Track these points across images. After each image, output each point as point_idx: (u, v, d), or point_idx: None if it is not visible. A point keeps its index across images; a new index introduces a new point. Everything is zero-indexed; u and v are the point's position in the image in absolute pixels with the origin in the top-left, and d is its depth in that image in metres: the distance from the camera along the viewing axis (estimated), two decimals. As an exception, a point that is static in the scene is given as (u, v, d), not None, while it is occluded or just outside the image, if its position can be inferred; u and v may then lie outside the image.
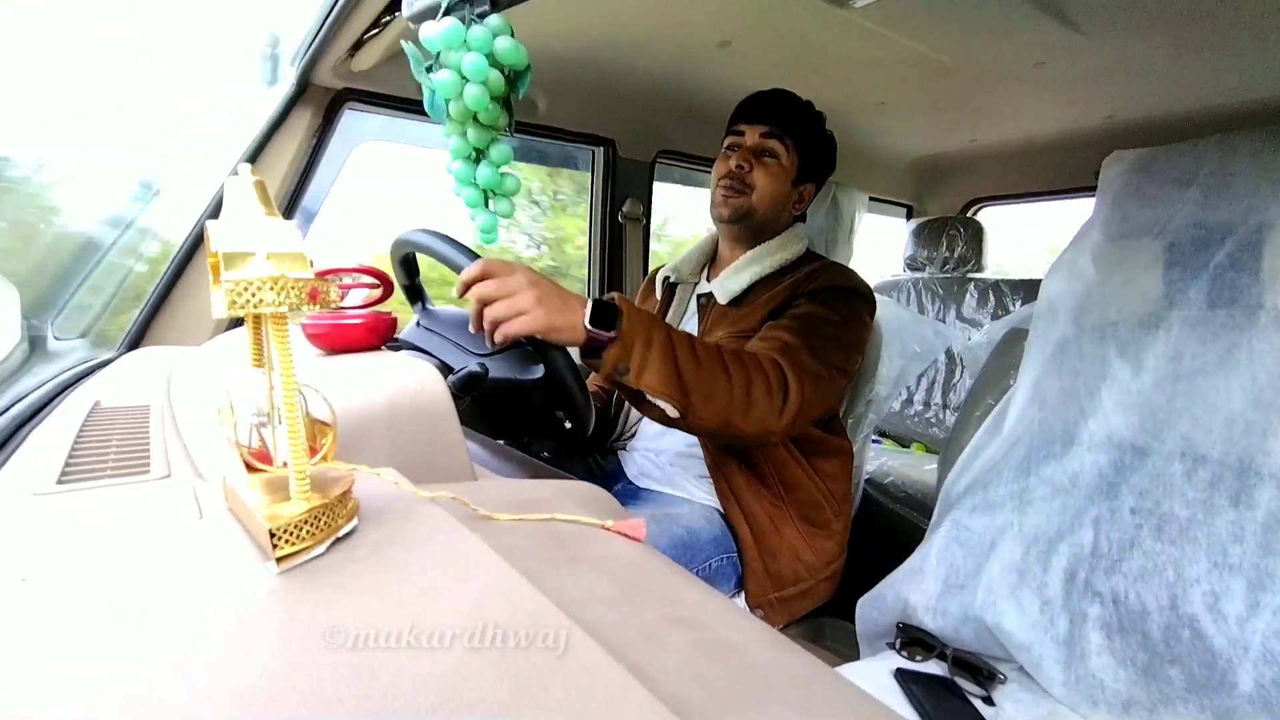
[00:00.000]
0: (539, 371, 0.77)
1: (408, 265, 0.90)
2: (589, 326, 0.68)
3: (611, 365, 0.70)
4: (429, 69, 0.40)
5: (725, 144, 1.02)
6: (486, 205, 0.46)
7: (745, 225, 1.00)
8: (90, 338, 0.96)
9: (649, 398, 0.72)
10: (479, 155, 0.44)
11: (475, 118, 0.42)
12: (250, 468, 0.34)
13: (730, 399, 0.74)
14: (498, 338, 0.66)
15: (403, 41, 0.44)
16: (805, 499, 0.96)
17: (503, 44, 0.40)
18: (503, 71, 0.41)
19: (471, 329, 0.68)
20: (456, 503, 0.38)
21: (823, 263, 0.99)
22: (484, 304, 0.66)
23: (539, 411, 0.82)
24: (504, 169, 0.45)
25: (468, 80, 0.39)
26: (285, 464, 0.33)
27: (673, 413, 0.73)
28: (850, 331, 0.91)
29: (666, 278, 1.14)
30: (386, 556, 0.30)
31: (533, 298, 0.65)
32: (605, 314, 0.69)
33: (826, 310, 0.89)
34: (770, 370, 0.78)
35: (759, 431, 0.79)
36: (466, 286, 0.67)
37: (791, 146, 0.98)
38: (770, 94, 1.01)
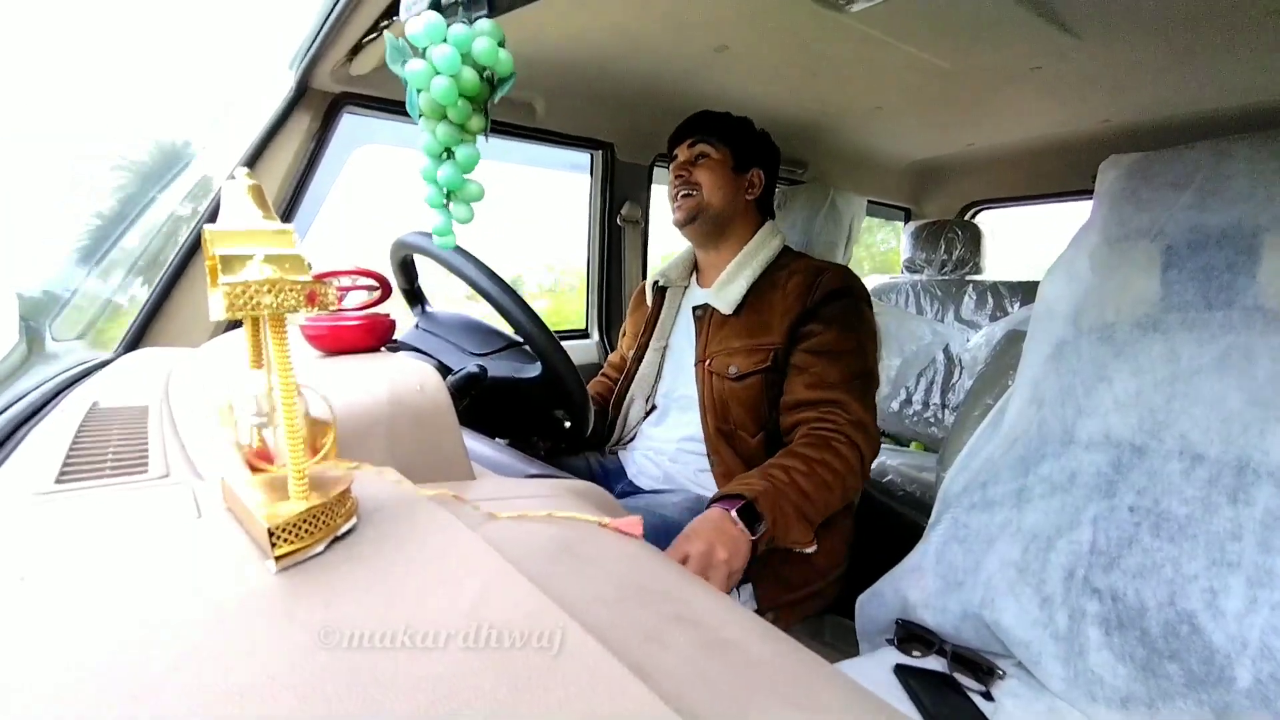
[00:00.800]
0: (537, 370, 0.77)
1: (406, 269, 0.90)
2: (750, 536, 0.76)
3: (765, 546, 0.79)
4: (404, 63, 0.40)
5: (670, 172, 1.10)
6: (447, 207, 0.45)
7: (704, 221, 1.05)
8: (88, 338, 0.96)
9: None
10: (449, 154, 0.43)
11: (446, 115, 0.41)
12: (252, 468, 0.34)
13: (831, 499, 0.85)
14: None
15: (386, 32, 0.43)
16: None
17: (481, 44, 0.39)
18: (480, 73, 0.41)
19: None
20: (456, 501, 0.38)
21: (818, 264, 1.01)
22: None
23: (538, 411, 0.82)
24: (469, 176, 0.44)
25: (438, 73, 0.39)
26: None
27: (809, 549, 0.83)
28: (871, 353, 0.97)
29: (656, 282, 1.17)
30: (386, 555, 0.30)
31: (723, 563, 0.72)
32: (746, 510, 0.77)
33: (848, 335, 0.94)
34: (850, 454, 0.88)
35: (851, 500, 0.92)
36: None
37: (718, 142, 1.05)
38: (690, 116, 1.09)
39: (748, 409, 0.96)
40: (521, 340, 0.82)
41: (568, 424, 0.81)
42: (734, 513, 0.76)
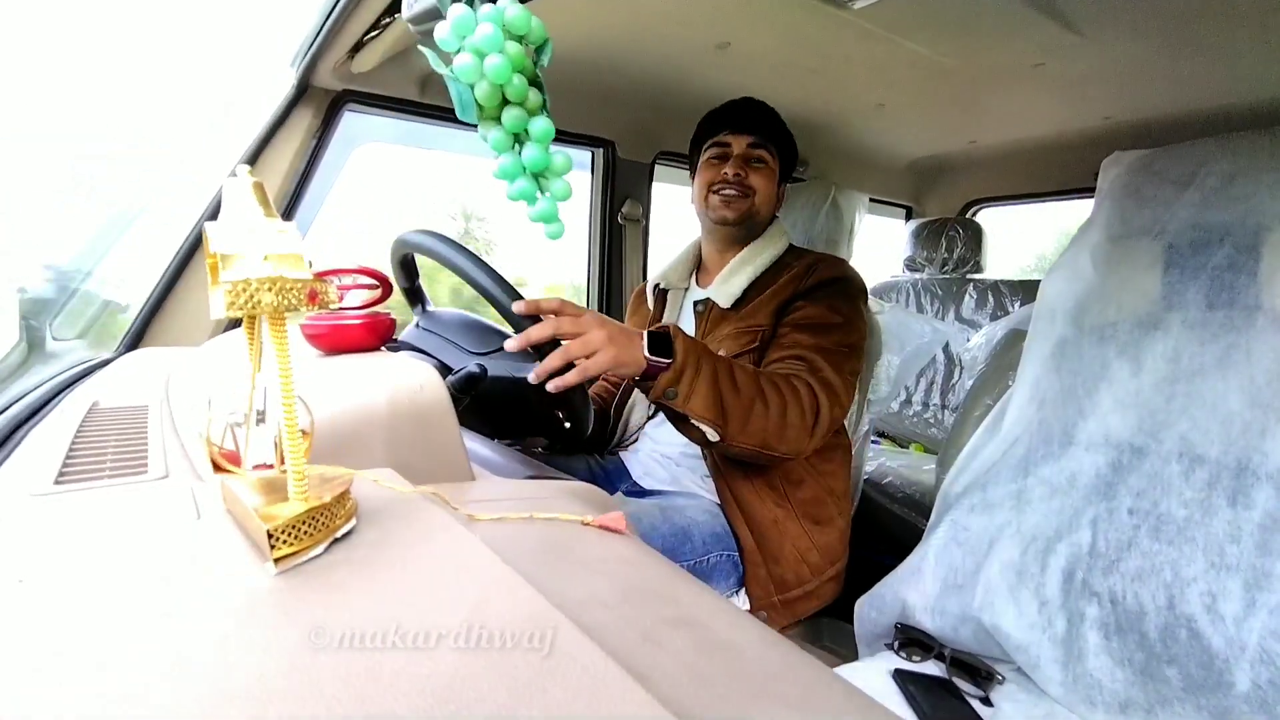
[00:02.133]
0: None
1: (407, 267, 0.90)
2: (649, 356, 0.72)
3: (662, 390, 0.74)
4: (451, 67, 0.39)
5: (710, 153, 1.06)
6: (541, 192, 0.42)
7: (746, 227, 1.04)
8: (89, 337, 0.96)
9: (692, 420, 0.77)
10: (519, 141, 0.41)
11: (505, 99, 0.39)
12: (217, 467, 0.33)
13: (766, 423, 0.79)
14: (572, 377, 0.67)
15: (420, 45, 0.42)
16: (808, 496, 0.96)
17: (513, 12, 0.37)
18: (521, 43, 0.39)
19: (534, 377, 0.68)
20: (455, 502, 0.38)
21: (815, 256, 1.03)
22: (556, 339, 0.68)
23: (537, 411, 0.82)
24: (552, 149, 0.41)
25: (485, 55, 0.37)
26: (255, 467, 0.33)
27: (713, 436, 0.78)
28: (855, 330, 0.96)
29: (657, 285, 1.16)
30: (385, 557, 0.30)
31: (604, 336, 0.69)
32: (661, 344, 0.74)
33: (832, 313, 0.93)
34: (804, 393, 0.83)
35: (792, 451, 0.83)
36: (530, 321, 0.68)
37: (774, 153, 1.04)
38: (750, 104, 1.05)
39: None
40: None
41: (567, 425, 0.81)
42: (645, 334, 0.74)
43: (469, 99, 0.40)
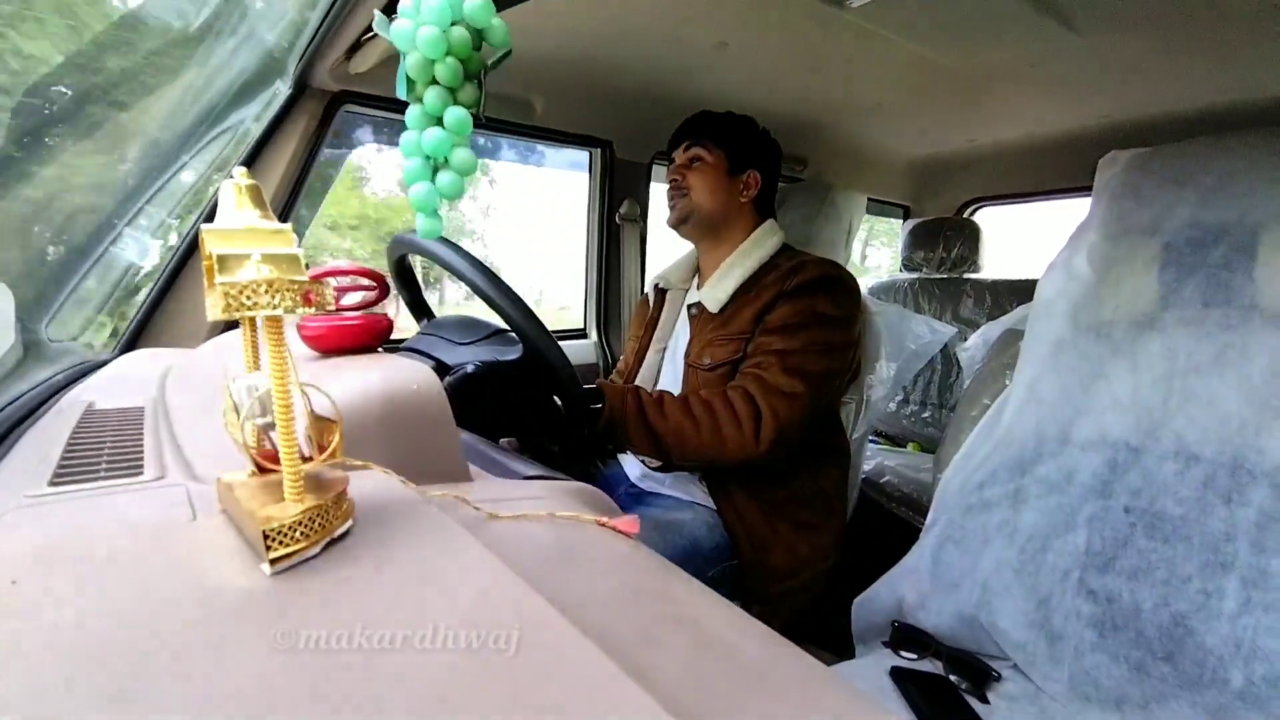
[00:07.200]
0: (519, 351, 0.77)
1: (406, 277, 0.90)
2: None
3: (604, 435, 0.83)
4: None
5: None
6: (432, 180, 0.39)
7: (695, 223, 1.06)
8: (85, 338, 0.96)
9: (633, 455, 0.88)
10: (436, 124, 0.39)
11: (434, 79, 0.37)
12: (260, 469, 0.34)
13: (700, 441, 0.86)
14: None
15: (377, 11, 0.41)
16: (792, 496, 0.97)
17: (473, 2, 0.36)
18: (473, 35, 0.37)
19: None
20: (454, 502, 0.38)
21: (804, 258, 1.01)
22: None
23: (536, 409, 0.82)
24: (460, 146, 0.39)
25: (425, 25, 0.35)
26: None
27: (654, 464, 0.88)
28: (834, 329, 0.94)
29: (657, 284, 1.18)
30: (383, 557, 0.30)
31: None
32: (595, 397, 0.84)
33: (807, 312, 0.93)
34: (740, 403, 0.87)
35: (740, 460, 0.88)
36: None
37: (712, 146, 1.05)
38: (689, 118, 1.09)
39: None
40: (508, 327, 0.82)
41: (562, 408, 0.81)
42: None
43: (403, 72, 0.38)
